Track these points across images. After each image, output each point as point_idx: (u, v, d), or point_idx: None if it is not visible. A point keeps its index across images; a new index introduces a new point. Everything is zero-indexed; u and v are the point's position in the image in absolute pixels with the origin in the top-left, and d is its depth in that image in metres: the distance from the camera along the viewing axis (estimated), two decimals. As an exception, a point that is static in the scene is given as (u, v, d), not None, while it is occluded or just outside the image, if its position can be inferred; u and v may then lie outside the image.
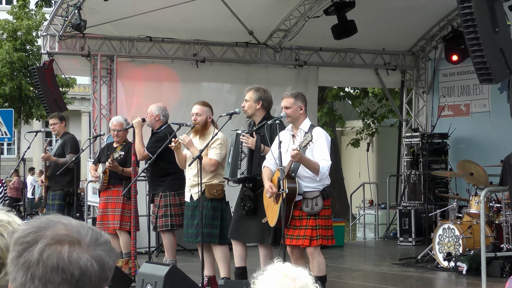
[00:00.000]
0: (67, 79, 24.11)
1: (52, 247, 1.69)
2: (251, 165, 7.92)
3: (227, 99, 13.71)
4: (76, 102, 38.54)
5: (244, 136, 7.90)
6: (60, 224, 1.74)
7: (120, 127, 10.23)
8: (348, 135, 22.82)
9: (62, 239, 1.70)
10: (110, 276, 1.76)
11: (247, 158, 7.94)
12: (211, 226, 8.39)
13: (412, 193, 14.32)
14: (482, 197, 9.45)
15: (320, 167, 7.22)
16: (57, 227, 1.73)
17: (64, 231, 1.72)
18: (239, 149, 8.01)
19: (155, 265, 7.97)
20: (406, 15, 13.81)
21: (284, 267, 2.10)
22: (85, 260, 1.69)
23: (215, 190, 8.41)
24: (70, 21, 11.85)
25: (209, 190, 8.36)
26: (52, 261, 1.67)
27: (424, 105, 15.38)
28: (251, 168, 7.92)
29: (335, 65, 14.81)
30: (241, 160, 7.98)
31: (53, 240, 1.70)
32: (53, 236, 1.70)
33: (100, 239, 1.76)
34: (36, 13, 29.85)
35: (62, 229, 1.73)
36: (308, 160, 7.20)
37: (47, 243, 1.69)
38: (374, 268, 11.37)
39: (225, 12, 12.83)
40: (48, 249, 1.68)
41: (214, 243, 8.45)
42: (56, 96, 12.94)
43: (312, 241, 7.37)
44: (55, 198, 11.08)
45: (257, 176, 7.92)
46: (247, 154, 7.94)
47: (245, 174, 7.95)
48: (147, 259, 9.08)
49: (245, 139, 7.88)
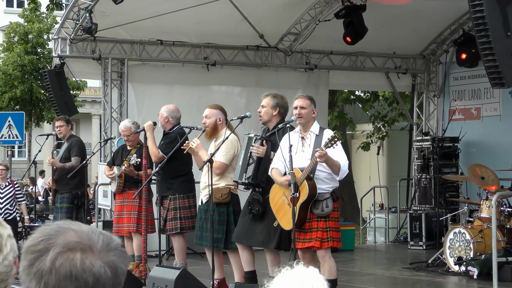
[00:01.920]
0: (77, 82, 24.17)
1: (64, 255, 1.67)
2: (257, 171, 7.91)
3: (237, 102, 13.71)
4: (86, 105, 38.63)
5: (255, 146, 7.89)
6: (71, 231, 1.73)
7: (129, 131, 10.23)
8: (359, 139, 22.77)
9: (73, 246, 1.69)
10: (123, 280, 1.75)
11: (255, 164, 7.93)
12: (217, 231, 8.39)
13: (422, 197, 14.26)
14: (493, 201, 9.39)
15: (341, 165, 7.25)
16: (68, 234, 1.71)
17: (75, 238, 1.71)
18: (248, 154, 8.01)
19: (166, 269, 7.98)
20: (417, 18, 13.79)
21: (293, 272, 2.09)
22: (98, 267, 1.68)
23: (220, 194, 8.40)
24: (81, 24, 11.89)
25: (214, 194, 8.34)
26: (65, 270, 1.66)
27: (434, 109, 15.33)
28: (257, 175, 7.91)
29: (346, 69, 14.79)
30: (248, 165, 7.97)
31: (65, 248, 1.68)
32: (64, 244, 1.69)
33: (111, 243, 1.74)
34: (47, 16, 29.97)
35: (73, 236, 1.71)
36: (332, 159, 7.19)
37: (59, 251, 1.68)
38: (385, 272, 11.33)
39: (236, 16, 12.84)
40: (60, 258, 1.67)
41: (220, 248, 8.46)
42: (67, 99, 12.97)
43: (323, 243, 7.37)
44: (63, 201, 11.07)
45: (262, 183, 7.93)
46: (255, 160, 7.93)
47: (249, 180, 7.96)
48: (157, 262, 9.09)
49: (255, 149, 7.88)
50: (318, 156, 7.03)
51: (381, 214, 15.59)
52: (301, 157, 7.39)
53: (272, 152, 7.88)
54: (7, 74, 28.99)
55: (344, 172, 7.33)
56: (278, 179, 7.49)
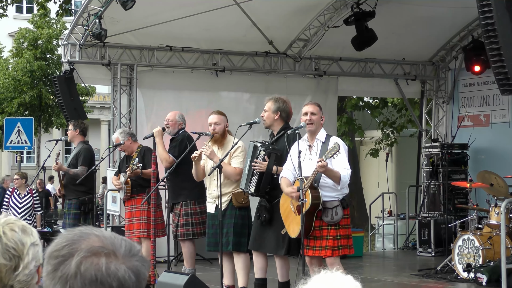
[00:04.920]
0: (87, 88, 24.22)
1: (89, 260, 1.68)
2: (260, 184, 7.92)
3: (246, 108, 13.71)
4: (95, 111, 38.72)
5: (257, 162, 7.87)
6: (94, 236, 1.74)
7: (117, 141, 10.35)
8: (367, 145, 22.75)
9: (98, 251, 1.70)
10: (144, 286, 1.76)
11: (258, 177, 7.93)
12: (240, 235, 8.36)
13: (431, 204, 14.22)
14: (502, 208, 9.41)
15: (341, 176, 7.20)
16: (91, 239, 1.73)
17: (99, 243, 1.72)
18: (252, 165, 7.99)
19: (174, 274, 7.98)
20: (426, 25, 13.78)
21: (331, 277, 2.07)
22: (123, 271, 1.69)
23: (242, 198, 8.38)
24: (91, 30, 11.90)
25: (236, 198, 8.34)
26: (90, 274, 1.67)
27: (444, 115, 15.31)
28: (259, 188, 7.92)
29: (355, 75, 14.78)
30: (253, 175, 7.97)
31: (89, 252, 1.70)
32: (88, 249, 1.70)
33: (133, 249, 1.76)
34: (56, 22, 30.04)
35: (96, 241, 1.73)
36: (332, 170, 7.18)
37: (83, 256, 1.69)
38: (393, 279, 11.31)
39: (245, 22, 12.85)
40: (85, 262, 1.68)
41: (244, 251, 8.40)
42: (76, 105, 12.99)
43: (334, 252, 7.35)
44: (71, 207, 11.05)
45: (265, 194, 7.96)
46: (258, 172, 7.93)
47: (251, 191, 7.99)
48: (166, 268, 9.06)
49: (257, 165, 7.87)
50: (318, 167, 7.01)
51: (390, 220, 15.56)
52: (308, 165, 7.35)
53: (275, 166, 7.84)
54: (16, 79, 29.06)
55: (345, 182, 7.28)
56: (285, 189, 7.48)
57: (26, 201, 13.05)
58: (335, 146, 7.04)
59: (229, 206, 8.37)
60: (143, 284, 1.76)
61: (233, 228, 8.34)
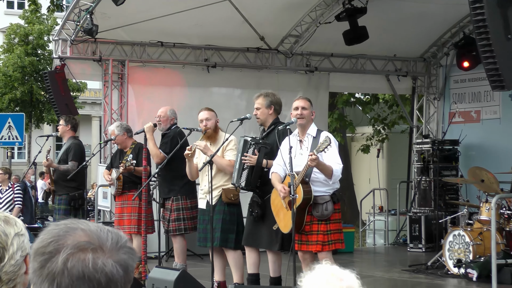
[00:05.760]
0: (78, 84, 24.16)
1: (75, 256, 1.67)
2: (250, 178, 7.93)
3: (237, 104, 13.70)
4: (86, 107, 38.63)
5: (247, 155, 7.90)
6: (80, 231, 1.72)
7: (112, 134, 10.31)
8: (358, 141, 22.77)
9: (84, 246, 1.68)
10: (133, 276, 1.76)
11: (248, 171, 7.96)
12: (228, 231, 8.36)
13: (422, 200, 14.26)
14: (493, 204, 9.40)
15: (333, 170, 7.19)
16: (77, 234, 1.71)
17: (85, 238, 1.70)
18: (242, 159, 8.01)
19: (165, 270, 7.92)
20: (418, 21, 13.78)
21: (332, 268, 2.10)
22: (110, 266, 1.68)
23: (231, 194, 8.37)
24: (82, 26, 11.87)
25: (226, 194, 8.34)
26: (78, 270, 1.66)
27: (435, 112, 15.33)
28: (250, 181, 7.94)
29: (346, 71, 14.78)
30: (243, 169, 7.99)
31: (76, 248, 1.68)
32: (74, 244, 1.68)
33: (120, 241, 1.74)
34: (47, 18, 29.95)
35: (83, 236, 1.71)
36: (324, 164, 7.17)
37: (70, 252, 1.67)
38: (384, 275, 11.31)
39: (237, 18, 12.82)
40: (72, 259, 1.66)
41: (231, 248, 8.42)
42: (67, 100, 12.95)
43: (324, 247, 7.34)
44: (61, 202, 11.00)
45: (256, 188, 7.98)
46: (249, 166, 7.95)
47: (242, 186, 8.01)
48: (157, 263, 9.05)
49: (247, 159, 7.89)
50: (310, 160, 7.01)
51: (381, 216, 15.57)
52: (299, 160, 7.34)
53: (265, 160, 7.86)
54: (7, 75, 28.97)
55: (337, 176, 7.28)
56: (276, 185, 7.47)
57: (6, 196, 13.03)
58: (326, 140, 7.03)
59: (218, 202, 8.35)
60: (131, 275, 1.75)
61: (221, 224, 8.33)
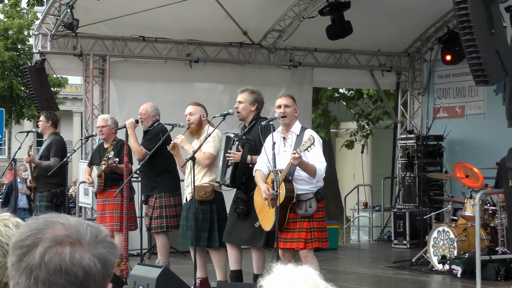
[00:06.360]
0: (58, 79, 24.01)
1: (53, 250, 1.66)
2: (235, 175, 7.92)
3: (220, 100, 13.62)
4: (67, 102, 38.43)
5: (231, 152, 7.87)
6: (59, 224, 1.71)
7: (104, 123, 10.14)
8: (343, 137, 22.73)
9: (62, 240, 1.67)
10: (112, 271, 1.75)
11: (232, 168, 7.94)
12: (201, 230, 8.33)
13: (407, 196, 14.24)
14: (477, 200, 9.45)
15: (317, 169, 7.14)
16: (56, 228, 1.70)
17: (64, 231, 1.69)
18: (226, 156, 7.98)
19: (147, 267, 7.88)
20: (402, 16, 13.76)
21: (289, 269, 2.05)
22: (88, 260, 1.67)
23: (203, 192, 8.33)
24: (62, 20, 11.78)
25: (197, 192, 8.28)
26: (55, 264, 1.65)
27: (419, 107, 15.32)
28: (235, 178, 7.93)
29: (330, 66, 14.73)
30: (227, 166, 7.97)
31: (54, 242, 1.67)
32: (52, 238, 1.67)
33: (100, 235, 1.73)
34: (27, 12, 29.70)
35: (61, 229, 1.69)
36: (306, 163, 7.12)
37: (47, 246, 1.66)
38: (368, 271, 11.31)
39: (219, 12, 12.74)
40: (49, 252, 1.66)
41: (203, 247, 8.40)
42: (47, 96, 12.84)
43: (306, 244, 7.30)
44: (42, 199, 10.94)
45: (241, 185, 7.95)
46: (233, 163, 7.93)
47: (227, 183, 8.00)
48: (139, 261, 8.95)
49: (231, 156, 7.86)
50: (292, 159, 6.96)
51: (365, 212, 15.56)
52: (283, 158, 7.29)
53: (249, 156, 7.83)
54: (-14, 70, 28.72)
55: (321, 175, 7.24)
56: (260, 185, 7.41)
57: None
58: (309, 139, 6.96)
59: (193, 199, 8.26)
60: (111, 270, 1.74)
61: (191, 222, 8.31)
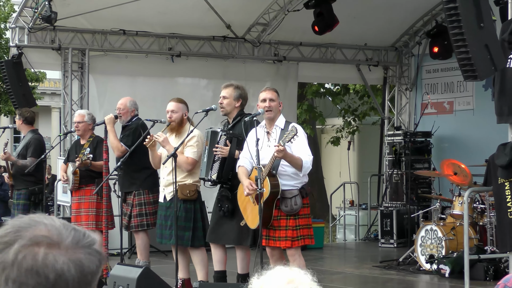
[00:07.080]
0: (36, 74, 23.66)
1: (28, 249, 1.63)
2: (222, 170, 7.87)
3: (203, 95, 13.52)
4: (46, 98, 38.24)
5: (219, 147, 7.83)
6: (42, 225, 1.68)
7: (81, 118, 9.96)
8: (329, 133, 22.66)
9: (40, 240, 1.64)
10: (93, 280, 1.70)
11: (219, 163, 7.89)
12: (183, 229, 8.23)
13: (394, 193, 14.19)
14: (465, 198, 9.46)
15: (303, 161, 7.03)
16: (38, 228, 1.67)
17: (44, 232, 1.66)
18: (213, 150, 7.91)
19: (128, 267, 7.77)
20: (389, 9, 13.68)
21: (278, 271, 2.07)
22: (61, 263, 1.63)
23: (188, 191, 8.25)
24: (40, 13, 11.67)
25: (181, 190, 8.22)
26: (27, 263, 1.62)
27: (407, 103, 15.22)
28: (222, 173, 7.88)
29: (316, 61, 14.61)
30: (214, 162, 7.92)
31: (31, 241, 1.64)
32: (31, 237, 1.65)
33: (82, 241, 1.68)
34: (4, 5, 29.40)
35: (43, 230, 1.66)
36: (292, 155, 7.02)
37: (23, 244, 1.64)
38: (355, 271, 11.27)
39: (202, 5, 12.63)
40: (24, 251, 1.63)
41: (186, 246, 8.30)
42: (25, 91, 12.67)
43: (293, 242, 7.24)
44: (20, 197, 10.83)
45: (227, 181, 7.92)
46: (220, 158, 7.88)
47: (213, 179, 7.93)
48: (119, 260, 8.84)
49: (219, 150, 7.81)
50: (276, 152, 6.86)
51: (351, 211, 15.54)
52: (267, 152, 7.21)
53: (236, 151, 7.77)
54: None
55: (307, 168, 7.13)
56: (243, 181, 7.31)
57: None
58: (292, 130, 6.87)
59: (174, 198, 8.17)
60: (89, 277, 1.68)
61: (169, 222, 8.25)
